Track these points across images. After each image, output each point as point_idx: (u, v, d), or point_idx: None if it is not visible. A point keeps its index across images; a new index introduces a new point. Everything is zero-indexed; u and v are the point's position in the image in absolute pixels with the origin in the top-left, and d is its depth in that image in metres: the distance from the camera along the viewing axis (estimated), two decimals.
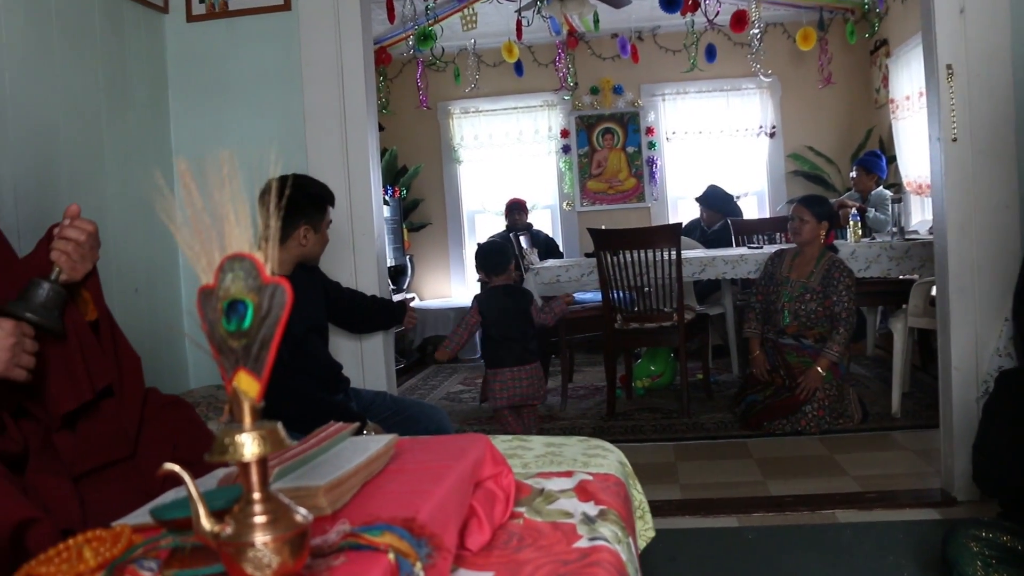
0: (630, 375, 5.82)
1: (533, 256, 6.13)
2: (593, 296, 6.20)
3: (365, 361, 3.63)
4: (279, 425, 0.92)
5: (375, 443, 1.51)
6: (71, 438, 1.77)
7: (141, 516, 1.32)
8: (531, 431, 4.30)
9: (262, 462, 0.91)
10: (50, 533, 1.35)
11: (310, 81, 3.58)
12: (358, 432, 1.67)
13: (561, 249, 8.12)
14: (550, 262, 6.15)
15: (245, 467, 0.90)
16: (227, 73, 3.66)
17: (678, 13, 6.67)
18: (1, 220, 2.06)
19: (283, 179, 2.91)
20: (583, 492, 1.85)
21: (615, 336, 5.27)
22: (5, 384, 1.68)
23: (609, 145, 8.60)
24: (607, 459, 2.16)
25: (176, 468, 0.94)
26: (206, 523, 0.93)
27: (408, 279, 8.23)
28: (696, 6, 6.71)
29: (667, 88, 8.51)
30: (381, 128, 5.91)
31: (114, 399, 1.84)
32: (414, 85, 8.37)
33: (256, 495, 0.91)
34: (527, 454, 2.21)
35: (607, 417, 5.30)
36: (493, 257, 4.38)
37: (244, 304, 0.89)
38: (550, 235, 8.17)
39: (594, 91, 8.57)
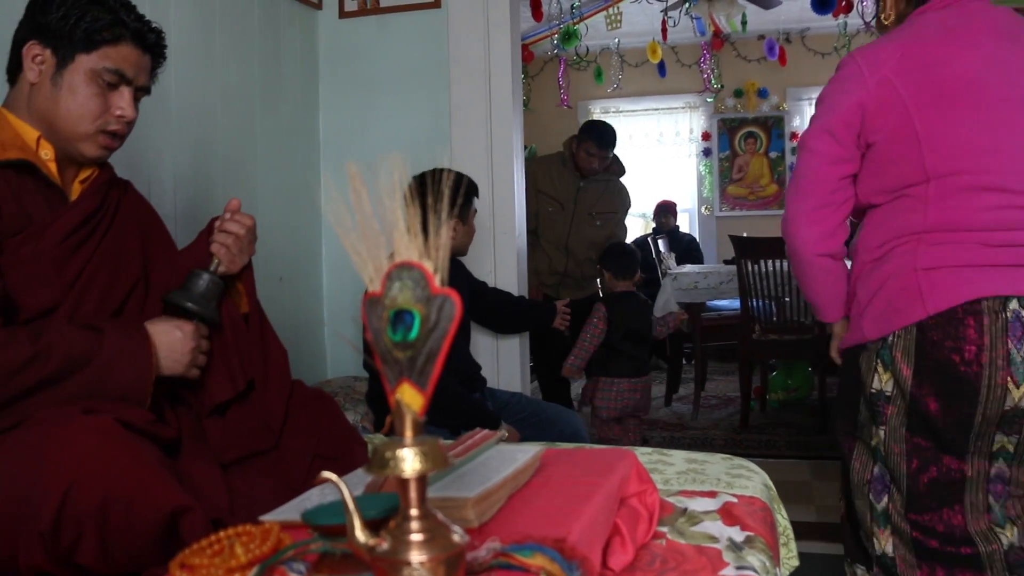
0: (765, 387, 5.66)
1: (671, 260, 6.03)
2: (728, 304, 6.05)
3: (501, 361, 3.61)
4: (440, 441, 0.89)
5: (522, 454, 1.48)
6: (220, 426, 1.81)
7: (287, 512, 1.33)
8: (636, 442, 4.16)
9: (422, 478, 0.88)
10: (202, 522, 1.36)
11: (457, 78, 3.58)
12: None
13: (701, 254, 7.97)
14: (688, 267, 6.03)
15: (404, 482, 0.88)
16: (376, 68, 3.70)
17: (830, 15, 6.43)
18: (160, 209, 2.11)
19: (431, 174, 2.94)
20: (728, 515, 1.78)
21: (752, 346, 5.13)
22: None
23: (751, 150, 8.39)
24: (752, 480, 2.07)
25: (333, 477, 0.92)
26: (361, 535, 0.90)
27: None
28: (850, 7, 6.46)
29: (815, 92, 8.11)
30: None
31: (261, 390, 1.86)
32: (555, 83, 8.34)
33: (414, 511, 0.88)
34: (668, 470, 2.14)
35: (740, 429, 5.17)
36: (623, 259, 4.22)
37: (411, 314, 0.86)
38: (693, 236, 8.02)
39: (738, 94, 8.37)
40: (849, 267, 2.20)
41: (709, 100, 8.41)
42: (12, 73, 1.73)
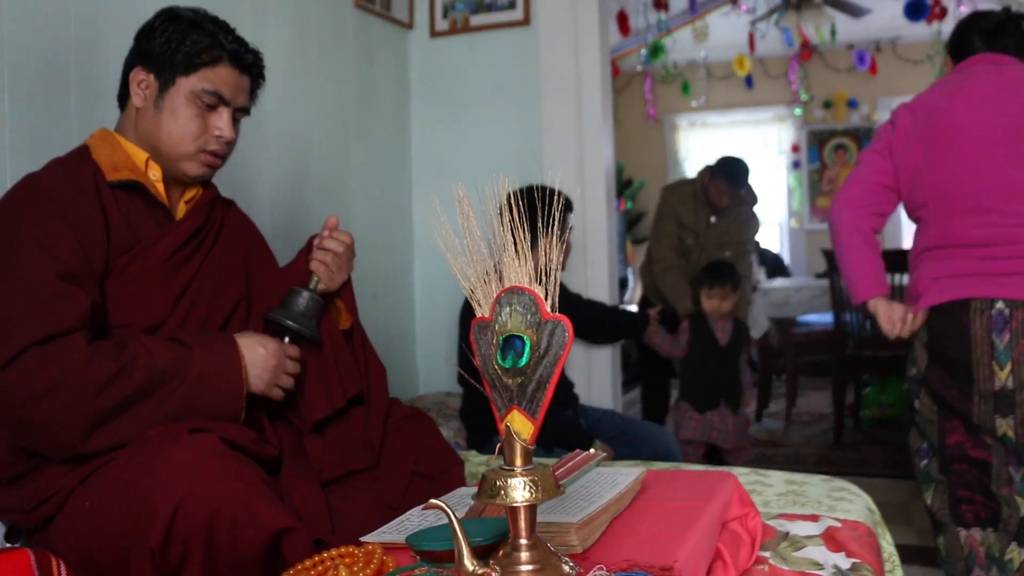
0: (859, 404, 5.51)
1: (761, 275, 5.93)
2: (819, 319, 5.91)
3: (592, 375, 3.59)
4: (550, 470, 0.87)
5: (623, 477, 1.46)
6: (320, 445, 1.82)
7: (389, 534, 1.33)
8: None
9: (532, 507, 0.87)
10: (304, 542, 1.37)
11: (547, 94, 3.58)
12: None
13: (788, 268, 7.82)
14: (778, 282, 5.93)
15: (514, 511, 0.87)
16: (467, 87, 3.72)
17: (923, 21, 6.26)
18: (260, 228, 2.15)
19: (531, 190, 2.93)
20: (832, 541, 1.73)
21: (846, 362, 5.00)
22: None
23: (841, 161, 8.20)
24: (855, 504, 2.01)
25: (442, 504, 0.91)
26: (469, 564, 0.90)
27: (630, 291, 8.18)
28: (943, 13, 6.28)
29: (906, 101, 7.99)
30: None
31: (361, 408, 1.87)
32: (641, 98, 8.31)
33: (524, 541, 0.87)
34: (767, 491, 2.10)
35: (833, 447, 5.04)
36: (724, 270, 4.08)
37: (522, 340, 0.86)
38: (777, 253, 7.89)
39: (827, 105, 8.20)
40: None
41: (797, 112, 8.26)
42: (122, 99, 1.79)
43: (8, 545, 1.65)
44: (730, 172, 4.41)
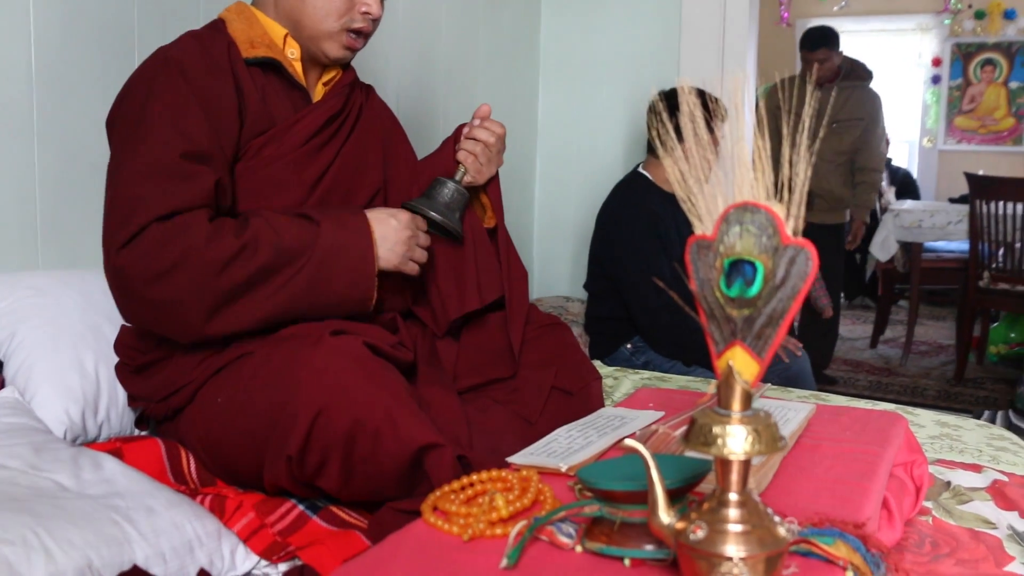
0: (985, 339, 5.23)
1: (890, 195, 5.61)
2: (947, 246, 5.59)
3: None
4: (773, 418, 0.74)
5: (794, 413, 1.33)
6: (454, 349, 1.73)
7: (536, 456, 1.22)
8: None
9: (748, 460, 0.74)
10: (449, 459, 1.29)
11: None
12: None
13: (917, 188, 7.41)
14: (909, 203, 5.60)
15: (726, 464, 0.75)
16: None
17: None
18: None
19: (672, 91, 2.75)
20: (1001, 497, 1.58)
21: (978, 294, 4.72)
22: (395, 282, 1.65)
23: (988, 78, 7.62)
24: (1020, 457, 1.85)
25: (638, 446, 0.79)
26: (665, 516, 0.78)
27: None
28: None
29: None
30: None
31: (498, 313, 1.76)
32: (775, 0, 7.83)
33: (734, 497, 0.75)
34: (919, 432, 1.94)
35: (954, 381, 4.82)
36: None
37: (753, 266, 0.72)
38: (908, 171, 7.45)
39: (979, 15, 7.54)
40: None
41: (946, 22, 7.67)
42: None
43: (138, 432, 1.62)
44: (804, 37, 4.37)
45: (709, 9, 3.31)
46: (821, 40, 4.33)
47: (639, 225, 2.71)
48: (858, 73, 4.52)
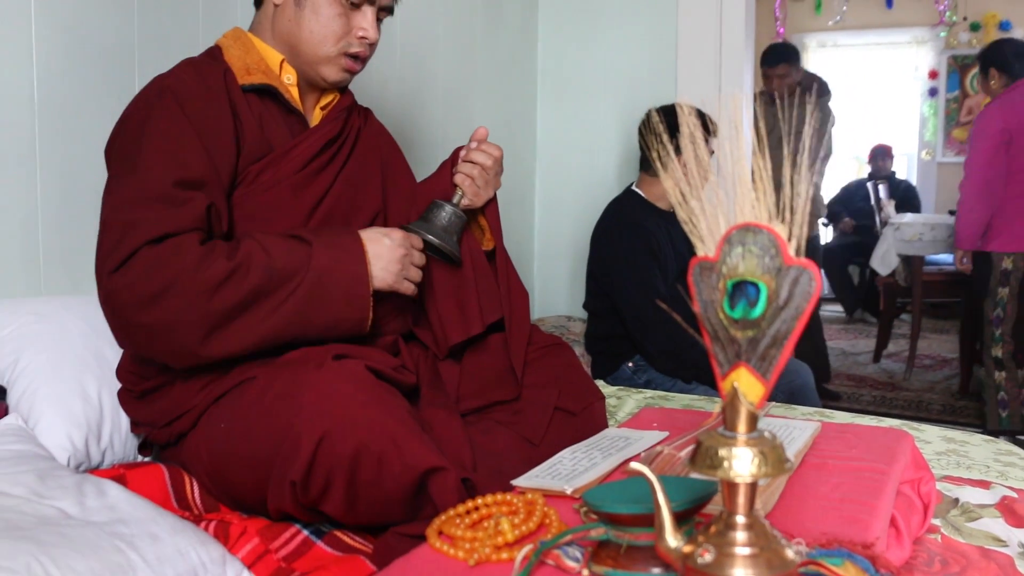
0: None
1: (890, 208, 5.61)
2: (947, 258, 5.59)
3: None
4: (779, 440, 0.74)
5: (799, 431, 1.32)
6: (457, 372, 1.72)
7: (542, 479, 1.22)
8: None
9: (754, 482, 0.74)
10: (454, 483, 1.28)
11: (686, 7, 3.35)
12: None
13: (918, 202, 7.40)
14: (909, 217, 5.60)
15: (733, 486, 0.74)
16: None
17: None
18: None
19: (669, 108, 2.76)
20: (1011, 514, 1.57)
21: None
22: (395, 304, 1.64)
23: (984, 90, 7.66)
24: None
25: (644, 469, 0.79)
26: (672, 539, 0.78)
27: None
28: None
29: None
30: None
31: (500, 335, 1.76)
32: (770, 14, 7.86)
33: (742, 519, 0.75)
34: (925, 448, 1.93)
35: (959, 395, 4.81)
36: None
37: (756, 287, 0.72)
38: (911, 184, 7.44)
39: (974, 27, 7.56)
40: None
41: (941, 35, 7.69)
42: None
43: (141, 458, 1.62)
44: (765, 55, 4.40)
45: (705, 26, 3.32)
46: (782, 56, 4.41)
47: (633, 242, 2.72)
48: (819, 90, 4.64)
